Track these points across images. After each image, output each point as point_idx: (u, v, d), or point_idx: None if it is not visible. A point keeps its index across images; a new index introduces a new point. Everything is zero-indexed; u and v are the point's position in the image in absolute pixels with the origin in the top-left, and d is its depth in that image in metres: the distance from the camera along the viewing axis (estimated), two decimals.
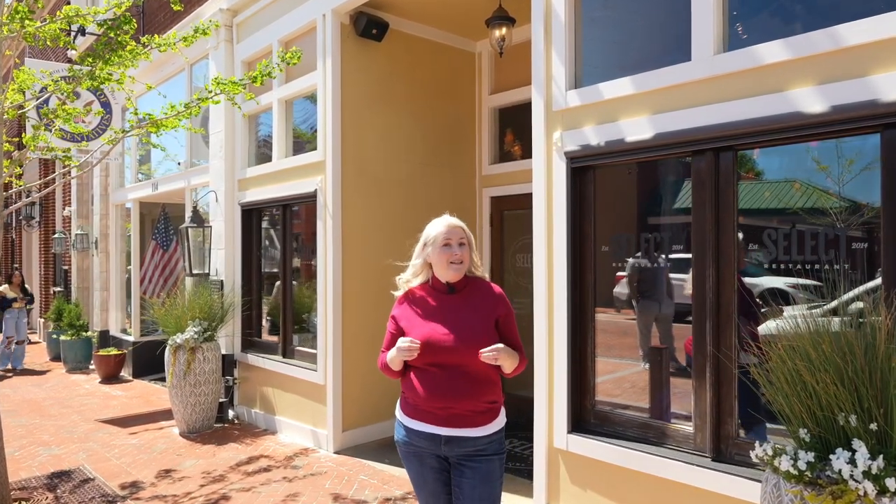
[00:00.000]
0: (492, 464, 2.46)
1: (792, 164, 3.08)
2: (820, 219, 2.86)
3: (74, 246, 11.06)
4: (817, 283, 2.84)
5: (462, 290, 2.54)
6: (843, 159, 2.82)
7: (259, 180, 6.50)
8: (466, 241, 2.53)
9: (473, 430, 2.42)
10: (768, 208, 3.09)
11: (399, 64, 5.98)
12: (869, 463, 1.91)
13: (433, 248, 2.51)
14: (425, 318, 2.50)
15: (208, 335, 6.23)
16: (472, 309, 2.49)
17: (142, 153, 9.59)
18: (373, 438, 5.75)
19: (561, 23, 3.71)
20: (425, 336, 2.43)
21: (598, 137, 3.54)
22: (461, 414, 2.40)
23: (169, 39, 4.74)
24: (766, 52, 2.87)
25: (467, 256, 2.51)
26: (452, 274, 2.49)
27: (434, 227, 2.57)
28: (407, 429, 2.52)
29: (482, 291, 2.55)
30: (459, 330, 2.42)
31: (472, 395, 2.40)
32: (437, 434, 2.42)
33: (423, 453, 2.50)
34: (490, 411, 2.47)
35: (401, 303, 2.63)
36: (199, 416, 6.18)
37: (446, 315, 2.47)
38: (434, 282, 2.57)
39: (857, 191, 2.78)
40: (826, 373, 2.02)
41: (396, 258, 6.36)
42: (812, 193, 2.94)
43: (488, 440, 2.45)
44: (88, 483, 4.83)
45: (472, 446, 2.43)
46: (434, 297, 2.55)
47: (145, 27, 8.99)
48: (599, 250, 3.71)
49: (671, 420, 3.41)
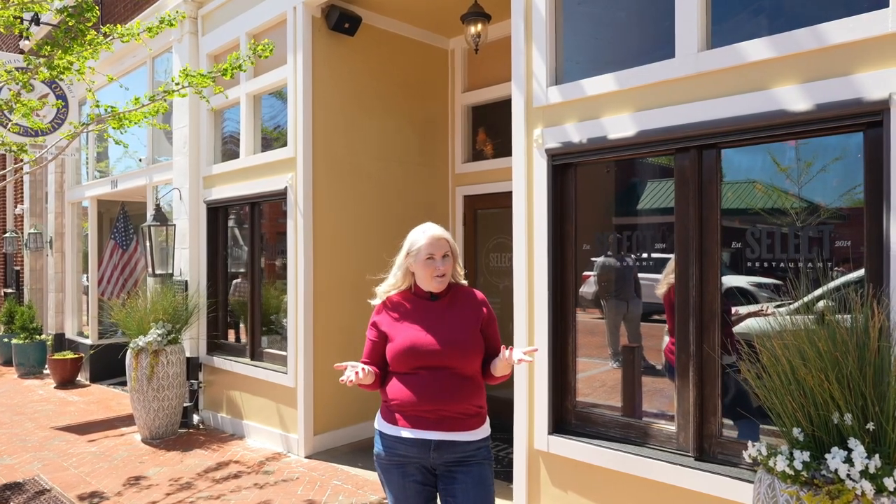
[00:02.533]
0: (483, 468, 2.39)
1: (753, 164, 3.10)
2: (781, 218, 2.90)
3: (27, 246, 10.59)
4: (778, 282, 2.86)
5: (444, 296, 2.48)
6: (802, 162, 2.87)
7: (226, 177, 6.30)
8: (450, 252, 2.45)
9: (464, 433, 2.34)
10: (746, 207, 3.10)
11: (372, 60, 5.87)
12: (866, 462, 1.90)
13: (416, 261, 2.43)
14: (409, 322, 2.43)
15: (172, 337, 6.00)
16: (456, 313, 2.44)
17: (99, 149, 9.23)
18: (346, 442, 5.62)
19: (542, 18, 3.66)
20: (410, 340, 2.37)
21: (580, 135, 3.50)
22: (452, 416, 2.33)
23: (133, 30, 4.54)
24: (750, 50, 2.87)
25: (451, 268, 2.45)
26: (436, 286, 2.44)
27: (417, 238, 2.45)
28: (390, 437, 2.40)
29: (464, 296, 2.51)
30: (445, 333, 2.37)
31: (462, 397, 2.34)
32: (427, 439, 2.33)
33: (408, 464, 2.38)
34: (479, 415, 2.41)
35: (380, 311, 2.54)
36: (162, 421, 5.95)
37: (430, 319, 2.41)
38: (416, 289, 2.50)
39: (818, 190, 2.83)
40: (822, 371, 2.01)
41: (368, 257, 6.28)
42: (774, 193, 2.97)
43: (477, 446, 2.38)
44: (44, 494, 4.58)
45: (461, 451, 2.35)
46: (416, 303, 2.48)
47: (104, 17, 8.65)
48: (581, 249, 3.67)
49: (654, 420, 3.39)
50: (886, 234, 2.48)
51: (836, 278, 2.76)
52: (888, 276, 2.45)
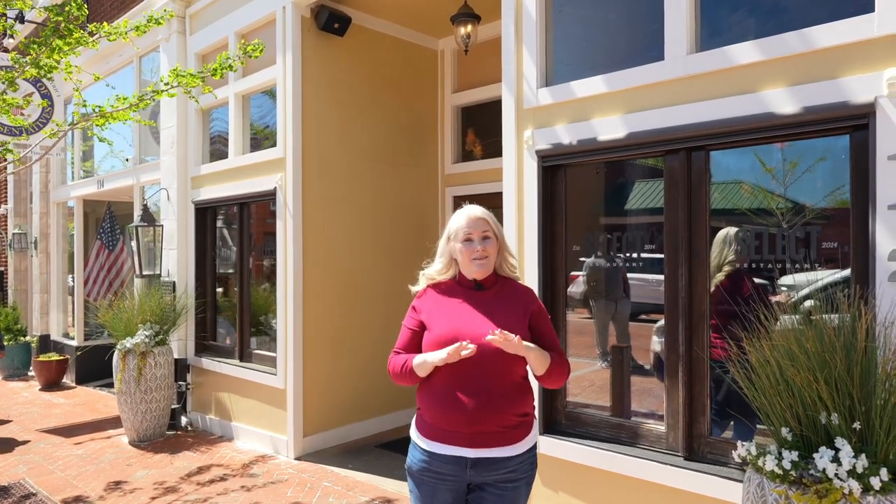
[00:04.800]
0: (518, 491, 2.16)
1: (741, 165, 3.13)
2: (768, 219, 2.93)
3: (11, 246, 10.46)
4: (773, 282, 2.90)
5: (491, 287, 2.27)
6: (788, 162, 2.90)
7: (214, 178, 6.26)
8: (492, 233, 2.23)
9: (503, 449, 2.10)
10: (737, 208, 3.13)
11: (362, 60, 5.86)
12: (853, 461, 1.92)
13: (455, 244, 2.24)
14: (450, 312, 2.20)
15: (160, 339, 5.96)
16: (503, 305, 2.21)
17: (85, 149, 9.14)
18: (336, 443, 5.60)
19: (532, 19, 3.67)
20: (450, 332, 2.13)
21: (570, 136, 3.51)
22: (488, 431, 2.08)
23: (120, 28, 4.49)
24: (738, 53, 2.89)
25: (492, 251, 2.22)
26: (476, 271, 2.22)
27: (455, 219, 2.28)
28: (426, 452, 2.17)
29: (513, 288, 2.29)
30: (488, 327, 2.09)
31: (502, 405, 2.09)
32: (462, 457, 2.10)
33: (442, 481, 2.15)
34: (522, 425, 2.16)
35: (422, 295, 2.33)
36: (150, 423, 5.90)
37: (473, 310, 2.19)
38: (461, 278, 2.29)
39: (805, 191, 2.86)
40: (810, 371, 2.03)
41: (358, 258, 6.25)
42: (759, 194, 3.01)
43: (520, 460, 2.15)
44: (30, 498, 4.53)
45: (503, 468, 2.12)
46: (459, 293, 2.25)
47: (91, 15, 8.57)
48: (571, 250, 3.69)
49: (644, 420, 3.41)
50: (872, 236, 2.51)
51: (823, 278, 2.79)
52: (874, 277, 2.48)
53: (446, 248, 2.30)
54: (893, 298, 2.38)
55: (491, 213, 2.30)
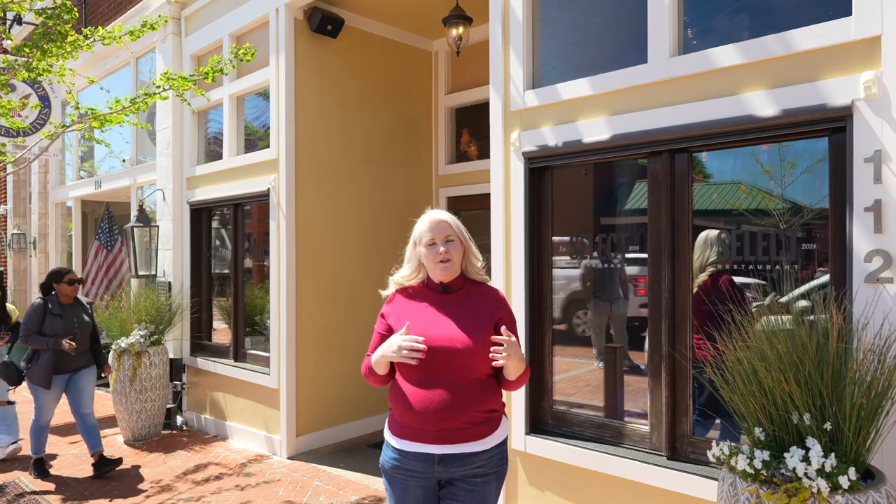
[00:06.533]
0: (488, 486, 2.20)
1: (739, 166, 3.15)
2: (765, 219, 2.94)
3: (10, 246, 10.51)
4: (762, 282, 2.91)
5: (459, 290, 2.30)
6: (786, 162, 2.91)
7: (209, 178, 6.30)
8: (456, 237, 2.26)
9: (470, 444, 2.14)
10: (718, 209, 3.15)
11: (355, 62, 5.89)
12: (822, 461, 1.94)
13: (421, 248, 2.29)
14: (417, 316, 2.24)
15: (155, 339, 6.00)
16: (469, 309, 2.25)
17: (84, 149, 9.19)
18: (328, 443, 5.64)
19: (519, 22, 3.70)
20: (416, 334, 2.17)
21: (556, 138, 3.54)
22: (455, 427, 2.12)
23: (114, 32, 4.53)
24: (720, 56, 2.92)
25: (455, 254, 2.25)
26: (441, 274, 2.25)
27: (419, 225, 2.32)
28: (397, 450, 2.23)
29: (482, 293, 2.32)
30: (453, 330, 2.16)
31: (467, 403, 2.13)
32: (430, 453, 2.15)
33: (412, 478, 2.20)
34: (489, 421, 2.19)
35: (391, 300, 2.38)
36: (145, 423, 5.94)
37: (440, 314, 2.23)
38: (429, 281, 2.34)
39: (801, 192, 2.87)
40: (781, 372, 2.05)
41: (351, 259, 6.27)
42: (757, 195, 3.02)
43: (487, 456, 2.18)
44: (24, 497, 4.57)
45: (469, 464, 2.16)
46: (427, 297, 2.30)
47: (87, 17, 8.62)
48: (557, 250, 3.71)
49: (628, 419, 3.44)
50: (850, 237, 2.54)
51: (804, 280, 2.81)
52: (850, 279, 2.51)
53: (413, 254, 2.34)
54: (867, 299, 2.41)
55: (455, 218, 2.34)
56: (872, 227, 2.47)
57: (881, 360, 2.07)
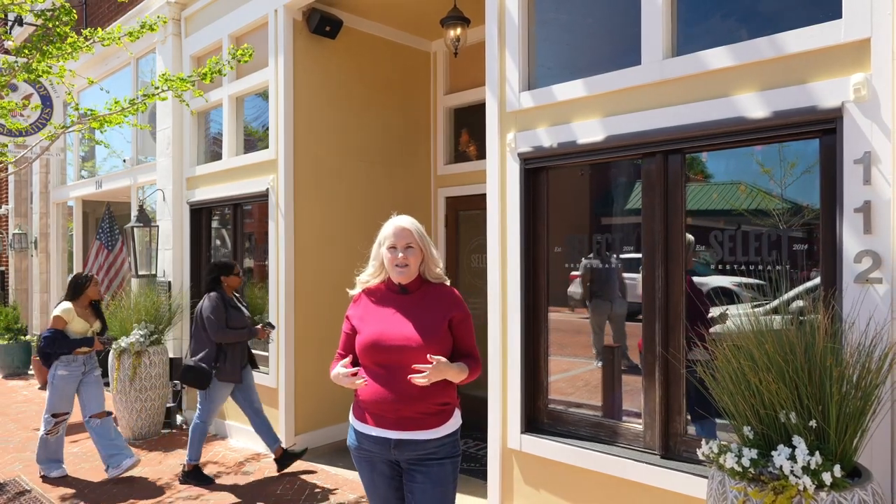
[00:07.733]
0: (444, 468, 2.42)
1: (738, 166, 3.17)
2: (764, 220, 2.96)
3: (12, 246, 10.56)
4: (760, 282, 2.93)
5: (415, 291, 2.50)
6: (786, 163, 2.92)
7: (209, 179, 6.33)
8: (416, 244, 2.46)
9: (423, 432, 2.37)
10: (716, 209, 3.17)
11: (354, 62, 5.92)
12: (808, 459, 1.97)
13: (383, 250, 2.50)
14: (377, 317, 2.47)
15: (155, 338, 6.03)
16: (425, 309, 2.45)
17: (85, 150, 9.23)
18: (326, 441, 5.67)
19: (515, 24, 3.72)
20: (374, 334, 2.41)
21: (551, 139, 3.56)
22: (411, 416, 2.35)
23: (113, 34, 4.56)
24: (712, 58, 2.94)
25: (413, 260, 2.45)
26: (398, 276, 2.47)
27: (385, 228, 2.54)
28: (358, 433, 2.49)
29: (439, 294, 2.51)
30: (409, 328, 2.39)
31: (422, 395, 2.34)
32: (387, 437, 2.38)
33: (375, 458, 2.46)
34: (442, 413, 2.42)
35: (355, 301, 2.59)
36: (145, 422, 5.98)
37: (397, 313, 2.44)
38: (389, 282, 2.54)
39: (798, 193, 2.89)
40: (768, 372, 2.08)
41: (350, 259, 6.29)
42: (756, 195, 3.04)
43: (439, 443, 2.40)
44: (25, 495, 4.61)
45: (422, 450, 2.39)
46: (387, 297, 2.51)
47: (88, 18, 8.66)
48: (552, 251, 3.74)
49: (622, 418, 3.46)
50: (840, 238, 2.56)
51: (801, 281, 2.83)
52: (840, 279, 2.53)
53: (377, 253, 2.54)
54: (855, 300, 2.43)
55: (418, 225, 2.53)
56: (862, 228, 2.49)
57: (867, 359, 2.09)
